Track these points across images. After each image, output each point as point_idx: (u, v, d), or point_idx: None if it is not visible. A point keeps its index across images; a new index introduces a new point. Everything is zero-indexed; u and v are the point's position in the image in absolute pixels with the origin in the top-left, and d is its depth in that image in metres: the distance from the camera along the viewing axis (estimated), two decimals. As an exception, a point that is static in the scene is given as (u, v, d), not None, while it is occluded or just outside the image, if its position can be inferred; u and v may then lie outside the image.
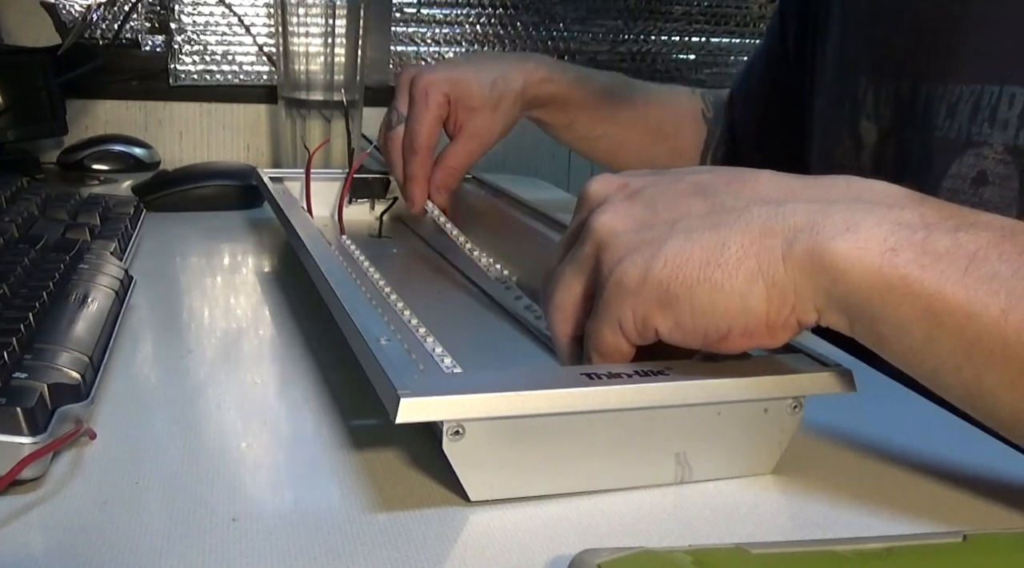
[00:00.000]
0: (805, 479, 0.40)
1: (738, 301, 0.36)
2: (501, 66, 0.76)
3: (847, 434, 0.45)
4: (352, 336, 0.42)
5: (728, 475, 0.40)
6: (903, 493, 0.40)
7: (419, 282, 0.66)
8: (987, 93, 0.56)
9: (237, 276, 0.69)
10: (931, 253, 0.34)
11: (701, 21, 1.27)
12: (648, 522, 0.36)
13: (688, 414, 0.38)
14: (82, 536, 0.33)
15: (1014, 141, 0.54)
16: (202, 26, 1.08)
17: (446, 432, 0.35)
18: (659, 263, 0.36)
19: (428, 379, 0.38)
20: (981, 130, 0.56)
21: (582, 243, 0.40)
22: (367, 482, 0.38)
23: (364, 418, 0.44)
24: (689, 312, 0.36)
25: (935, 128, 0.59)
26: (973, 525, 0.36)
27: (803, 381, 0.38)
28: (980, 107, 0.56)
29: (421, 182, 0.73)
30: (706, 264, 0.36)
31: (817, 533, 0.36)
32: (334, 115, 0.96)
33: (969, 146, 0.56)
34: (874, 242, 0.34)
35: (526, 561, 0.33)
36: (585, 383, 0.36)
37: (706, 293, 0.36)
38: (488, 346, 0.54)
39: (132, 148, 1.01)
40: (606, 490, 0.38)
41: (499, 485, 0.37)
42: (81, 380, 0.40)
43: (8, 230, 0.60)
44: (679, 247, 0.36)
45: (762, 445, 0.40)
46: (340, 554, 0.33)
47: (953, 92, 0.58)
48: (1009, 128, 0.54)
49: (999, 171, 0.55)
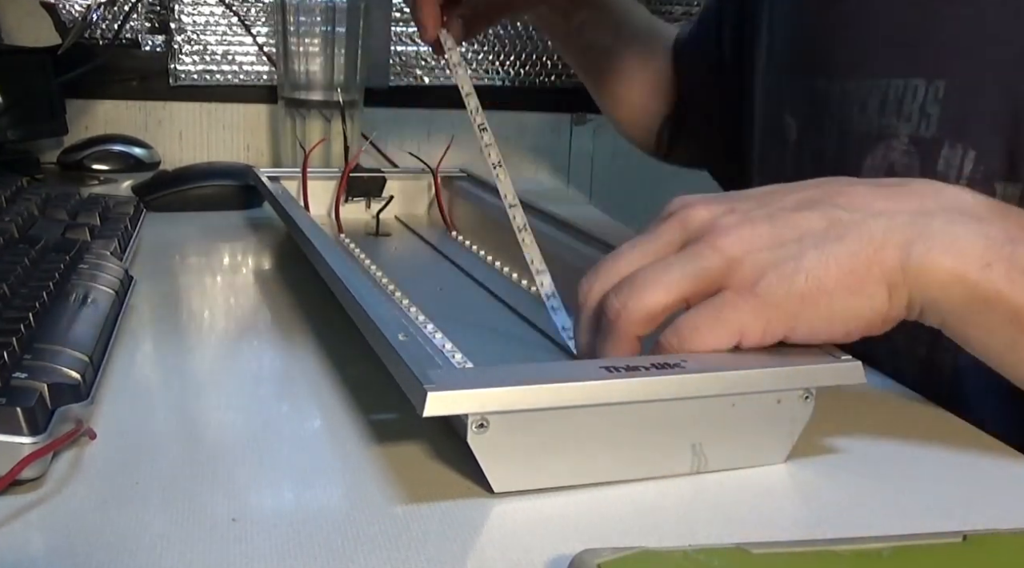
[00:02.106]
0: (803, 478, 0.40)
1: (868, 303, 0.40)
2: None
3: (846, 434, 0.45)
4: (371, 332, 0.42)
5: (742, 465, 0.41)
6: (903, 493, 0.40)
7: (420, 279, 0.66)
8: (893, 86, 0.58)
9: (237, 276, 0.69)
10: (1018, 267, 0.39)
11: (701, 21, 1.27)
12: (648, 521, 0.36)
13: (704, 405, 0.39)
14: (82, 536, 0.33)
15: (916, 131, 0.56)
16: (202, 26, 1.08)
17: (471, 425, 0.35)
18: (801, 277, 0.39)
19: (452, 373, 0.38)
20: (890, 123, 0.58)
21: (702, 256, 0.40)
22: (366, 481, 0.38)
23: (362, 417, 0.44)
24: (827, 319, 0.40)
25: (850, 122, 0.60)
26: (973, 525, 0.36)
27: (815, 372, 0.40)
28: (888, 101, 0.58)
29: (431, 3, 0.66)
30: (842, 274, 0.39)
31: (818, 532, 0.36)
32: (334, 115, 0.96)
33: (880, 139, 0.58)
34: (972, 258, 0.39)
35: (526, 560, 0.33)
36: (605, 376, 0.37)
37: (843, 299, 0.39)
38: (493, 340, 0.54)
39: (132, 148, 1.01)
40: (621, 481, 0.39)
41: (522, 477, 0.37)
42: (81, 380, 0.40)
43: (8, 230, 0.60)
44: (816, 261, 0.39)
45: (775, 435, 0.41)
46: (340, 554, 0.33)
47: (863, 86, 0.59)
48: (912, 119, 0.56)
49: (904, 161, 0.57)
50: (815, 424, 0.41)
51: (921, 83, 0.56)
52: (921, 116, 0.56)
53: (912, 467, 0.42)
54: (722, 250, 0.40)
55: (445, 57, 0.65)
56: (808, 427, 0.41)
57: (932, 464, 0.42)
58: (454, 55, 0.64)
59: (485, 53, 1.20)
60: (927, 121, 0.56)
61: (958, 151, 0.54)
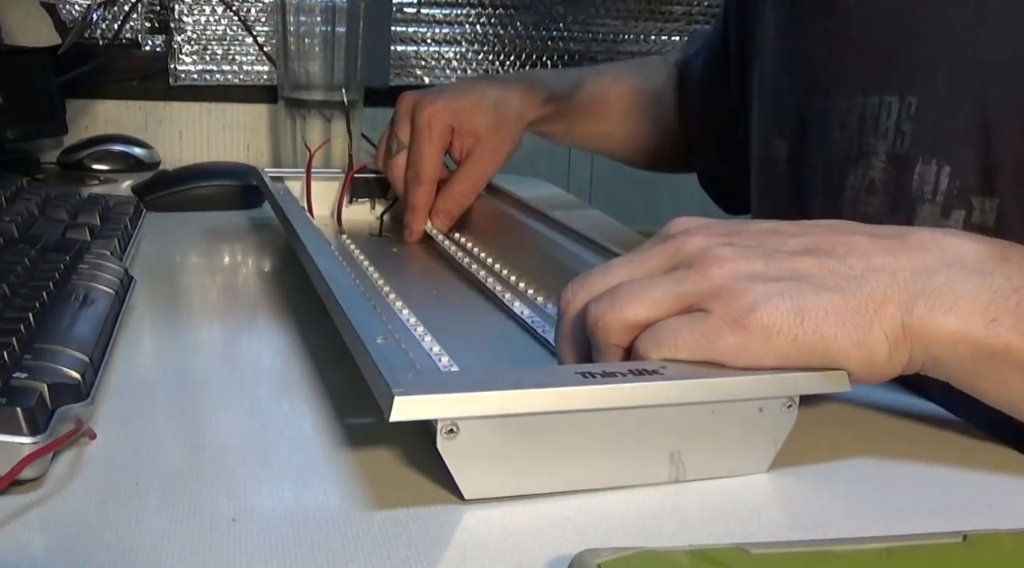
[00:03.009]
0: (803, 479, 0.40)
1: (868, 356, 0.39)
2: (499, 92, 0.77)
3: (845, 433, 0.45)
4: (348, 335, 0.42)
5: (722, 474, 0.40)
6: (903, 493, 0.40)
7: (418, 282, 0.66)
8: (869, 104, 0.58)
9: (237, 276, 0.69)
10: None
11: (701, 21, 1.27)
12: (648, 522, 0.36)
13: (682, 413, 0.38)
14: (82, 536, 0.33)
15: (892, 148, 0.56)
16: (202, 26, 1.08)
17: (440, 430, 0.35)
18: (798, 320, 0.38)
19: (423, 378, 0.37)
20: (868, 141, 0.58)
21: (690, 280, 0.39)
22: (366, 481, 0.38)
23: (362, 417, 0.44)
24: (821, 364, 0.39)
25: (831, 141, 0.61)
26: (973, 525, 0.36)
27: (797, 380, 0.38)
28: (865, 118, 0.58)
29: (422, 213, 0.74)
30: (842, 324, 0.38)
31: (817, 533, 0.36)
32: (334, 115, 0.96)
33: (860, 157, 0.59)
34: (977, 315, 0.39)
35: (526, 561, 0.33)
36: (580, 382, 0.36)
37: (841, 349, 0.38)
38: (486, 345, 0.54)
39: (132, 148, 1.01)
40: (600, 489, 0.38)
41: (493, 483, 0.37)
42: (81, 380, 0.40)
43: (8, 230, 0.60)
44: (814, 304, 0.38)
45: (757, 444, 0.40)
46: (340, 555, 0.33)
47: (841, 105, 0.60)
48: (888, 136, 0.57)
49: (883, 178, 0.57)
50: (807, 427, 0.41)
51: (895, 100, 0.56)
52: (896, 133, 0.56)
53: (912, 467, 0.42)
54: (711, 278, 0.39)
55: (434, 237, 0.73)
56: (801, 429, 0.41)
57: (932, 464, 0.42)
58: (440, 237, 0.72)
59: (485, 53, 1.20)
60: (901, 138, 0.56)
61: (932, 167, 0.54)
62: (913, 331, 0.39)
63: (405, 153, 0.74)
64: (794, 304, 0.38)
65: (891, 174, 0.56)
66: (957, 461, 0.43)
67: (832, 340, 0.38)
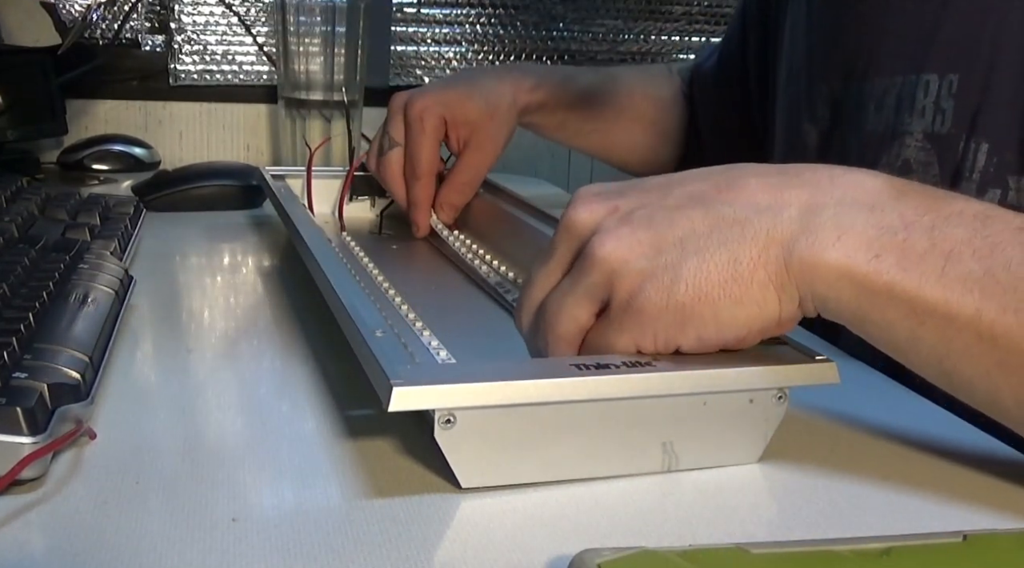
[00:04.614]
0: (799, 474, 0.40)
1: (756, 309, 0.38)
2: (489, 81, 0.77)
3: (842, 428, 0.45)
4: (348, 328, 0.42)
5: (714, 464, 0.41)
6: (903, 493, 0.40)
7: (418, 278, 0.66)
8: (907, 84, 0.58)
9: (237, 276, 0.69)
10: (911, 256, 0.37)
11: (701, 21, 1.27)
12: (647, 521, 0.36)
13: (675, 404, 0.39)
14: (82, 536, 0.33)
15: (931, 127, 0.56)
16: (202, 26, 1.08)
17: (438, 421, 0.36)
18: (680, 287, 0.38)
19: (421, 369, 0.39)
20: (903, 120, 0.58)
21: (586, 272, 0.40)
22: (365, 472, 0.38)
23: (361, 410, 0.44)
24: (714, 327, 0.38)
25: (866, 123, 0.60)
26: (973, 525, 0.36)
27: (788, 372, 0.39)
28: (902, 98, 0.58)
29: (425, 208, 0.74)
30: (724, 282, 0.38)
31: (817, 532, 0.36)
32: (334, 115, 0.96)
33: (895, 137, 0.58)
34: (860, 251, 0.37)
35: (526, 561, 0.33)
36: (574, 373, 0.37)
37: (728, 308, 0.38)
38: (484, 340, 0.54)
39: (132, 148, 1.01)
40: (594, 478, 0.39)
41: (489, 473, 0.37)
42: (81, 380, 0.40)
43: (8, 230, 0.60)
44: (696, 268, 0.38)
45: (748, 435, 0.41)
46: (340, 555, 0.33)
47: (878, 86, 0.60)
48: (926, 115, 0.56)
49: (920, 158, 0.57)
50: (801, 416, 0.41)
51: (934, 78, 0.56)
52: (936, 111, 0.56)
53: (910, 467, 0.42)
54: (601, 263, 0.39)
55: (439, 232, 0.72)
56: (793, 418, 0.41)
57: (931, 463, 0.42)
58: (445, 231, 0.72)
59: (485, 53, 1.20)
60: (942, 116, 0.55)
61: (971, 145, 0.54)
62: (794, 269, 0.37)
63: (398, 150, 0.74)
64: (677, 274, 0.38)
65: (927, 153, 0.56)
66: (957, 461, 0.43)
67: (717, 300, 0.38)
